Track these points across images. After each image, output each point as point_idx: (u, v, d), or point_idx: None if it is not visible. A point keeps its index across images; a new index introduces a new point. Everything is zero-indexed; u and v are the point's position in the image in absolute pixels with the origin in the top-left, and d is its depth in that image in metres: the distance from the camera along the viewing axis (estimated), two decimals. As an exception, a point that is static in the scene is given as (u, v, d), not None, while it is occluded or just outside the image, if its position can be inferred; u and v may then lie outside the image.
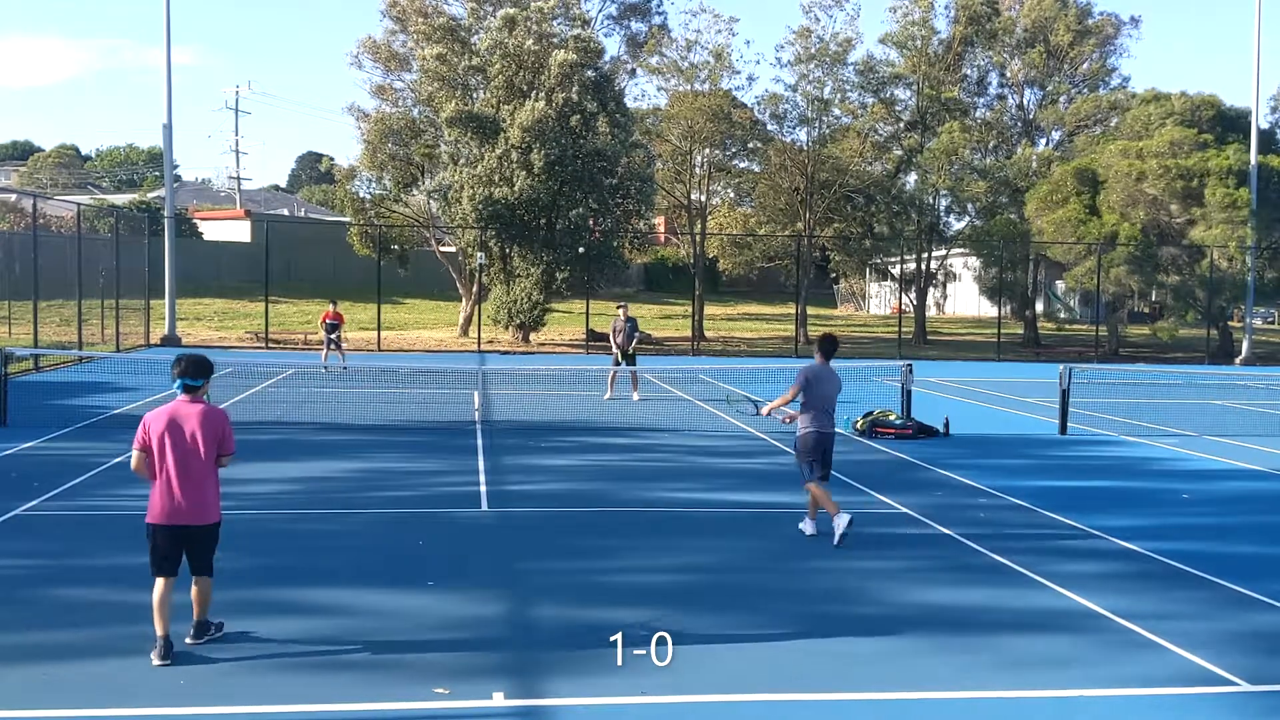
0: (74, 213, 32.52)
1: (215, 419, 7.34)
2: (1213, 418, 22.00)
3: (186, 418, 7.26)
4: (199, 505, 7.24)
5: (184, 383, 7.34)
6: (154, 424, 7.25)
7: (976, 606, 8.74)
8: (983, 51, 47.47)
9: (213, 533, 7.39)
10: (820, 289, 66.87)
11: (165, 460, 7.19)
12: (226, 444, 7.37)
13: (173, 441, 7.20)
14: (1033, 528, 11.67)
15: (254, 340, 38.56)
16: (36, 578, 9.05)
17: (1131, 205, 39.49)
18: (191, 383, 7.36)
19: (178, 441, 7.20)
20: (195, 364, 7.41)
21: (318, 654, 7.32)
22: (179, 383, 7.34)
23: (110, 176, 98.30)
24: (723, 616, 8.32)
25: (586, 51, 38.90)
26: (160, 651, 7.06)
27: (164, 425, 7.23)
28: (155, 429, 7.23)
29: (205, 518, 7.29)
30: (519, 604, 8.65)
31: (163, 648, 7.07)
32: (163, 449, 7.20)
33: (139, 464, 7.26)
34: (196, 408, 7.33)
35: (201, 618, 7.44)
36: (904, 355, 35.48)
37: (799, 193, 46.38)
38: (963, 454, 16.55)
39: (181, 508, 7.20)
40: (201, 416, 7.28)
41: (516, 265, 39.00)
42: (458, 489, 13.10)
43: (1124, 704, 6.85)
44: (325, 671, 7.00)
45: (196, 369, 7.40)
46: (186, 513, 7.21)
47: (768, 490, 13.49)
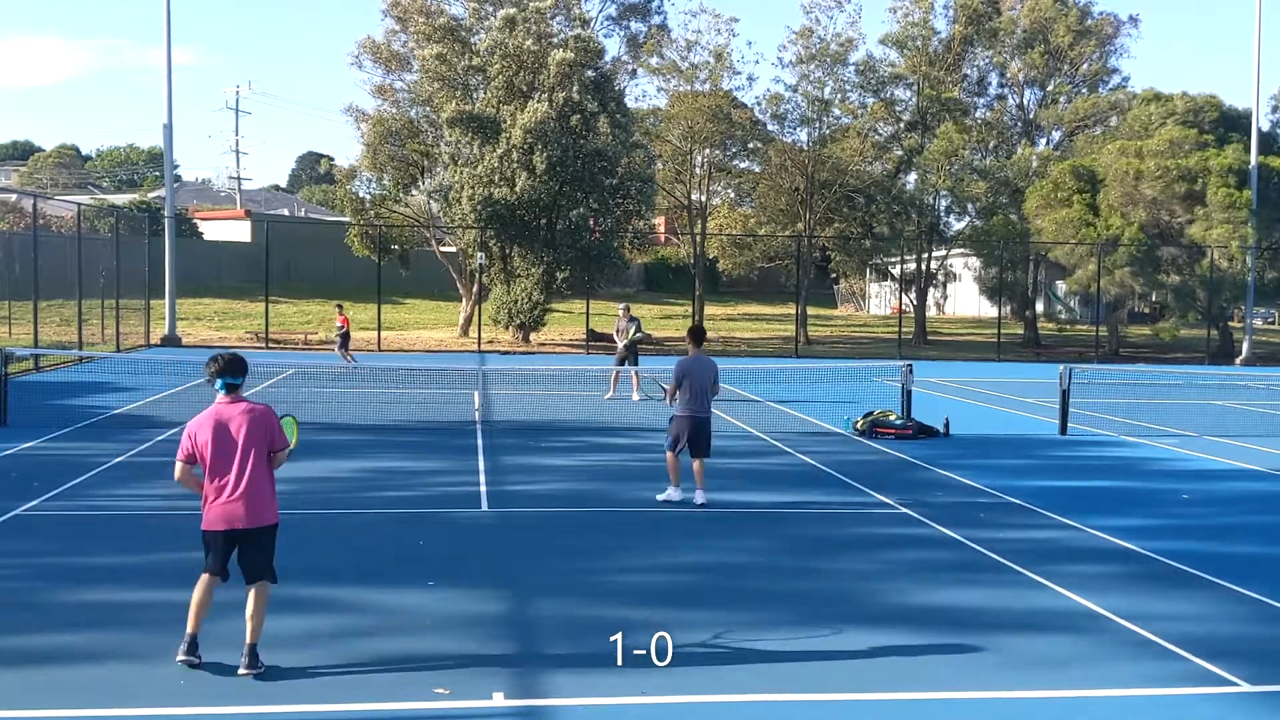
0: (74, 213, 32.52)
1: (263, 415, 7.03)
2: (1213, 418, 22.00)
3: (232, 418, 6.95)
4: (255, 508, 6.91)
5: (225, 382, 7.02)
6: (199, 431, 6.90)
7: (976, 607, 8.74)
8: (983, 51, 47.48)
9: (271, 535, 7.04)
10: (820, 289, 66.88)
11: (217, 465, 6.86)
12: (278, 439, 7.06)
13: (225, 444, 6.87)
14: (1033, 528, 11.67)
15: (254, 340, 38.57)
16: (36, 578, 9.05)
17: (1131, 205, 39.50)
18: (233, 380, 7.04)
19: (228, 444, 6.88)
20: (232, 362, 7.08)
21: (318, 654, 7.32)
22: (219, 383, 7.02)
23: (110, 176, 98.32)
24: (722, 616, 8.32)
25: (586, 51, 38.90)
26: (186, 648, 6.84)
27: (211, 430, 6.88)
28: (201, 436, 6.88)
29: (262, 519, 6.96)
30: (519, 604, 8.65)
31: (188, 645, 6.85)
32: (215, 454, 6.85)
33: (184, 476, 6.94)
34: (240, 406, 7.01)
35: (256, 639, 6.94)
36: (904, 355, 35.48)
37: (799, 193, 46.38)
38: (963, 454, 16.55)
39: (238, 512, 6.86)
40: (248, 415, 6.98)
41: (517, 265, 39.00)
42: (458, 489, 13.10)
43: (1124, 704, 6.86)
44: (325, 671, 7.00)
45: (235, 367, 7.08)
46: (243, 517, 6.87)
47: (768, 490, 13.50)
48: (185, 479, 6.97)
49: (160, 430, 16.98)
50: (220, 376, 7.04)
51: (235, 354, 7.20)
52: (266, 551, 7.03)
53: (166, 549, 10.04)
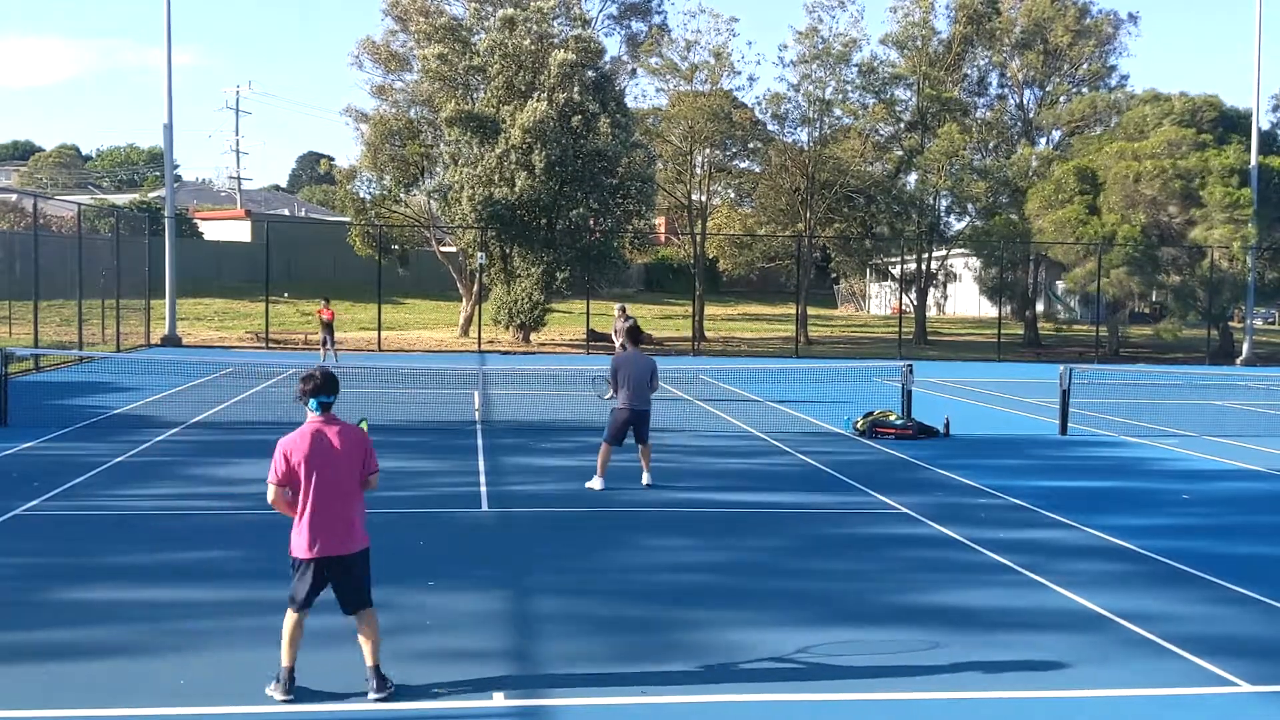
0: (74, 213, 32.53)
1: (358, 436, 6.76)
2: (1213, 418, 22.00)
3: (330, 439, 6.66)
4: (350, 532, 6.67)
5: (320, 401, 6.69)
6: (295, 451, 6.60)
7: (976, 606, 8.75)
8: (983, 51, 47.48)
9: (366, 559, 6.79)
10: (820, 289, 66.87)
11: (311, 487, 6.58)
12: (371, 461, 6.78)
13: (320, 466, 6.58)
14: (1033, 528, 11.68)
15: (254, 340, 38.58)
16: (36, 578, 9.05)
17: (1130, 206, 39.50)
18: (327, 400, 6.71)
19: (325, 466, 6.60)
20: (328, 380, 6.77)
21: (317, 654, 7.32)
22: (314, 402, 6.68)
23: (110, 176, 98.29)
24: (722, 616, 8.32)
25: (587, 51, 38.90)
26: (284, 686, 6.55)
27: (307, 450, 6.59)
28: (298, 457, 6.59)
29: (357, 544, 6.71)
30: (519, 604, 8.66)
31: (287, 681, 6.57)
32: (310, 476, 6.57)
33: (277, 499, 6.66)
34: (336, 427, 6.71)
35: (377, 660, 6.68)
36: (904, 355, 35.48)
37: (799, 193, 46.38)
38: (963, 454, 16.55)
39: (335, 538, 6.61)
40: (343, 436, 6.69)
41: (517, 265, 39.00)
42: (458, 489, 13.11)
43: (1123, 704, 6.86)
44: (325, 672, 7.00)
45: (331, 385, 6.76)
46: (340, 542, 6.62)
47: (768, 490, 13.50)
48: (279, 503, 6.67)
49: (160, 430, 16.98)
50: (316, 396, 6.70)
51: (328, 370, 6.91)
52: (361, 577, 6.76)
53: (166, 549, 10.05)
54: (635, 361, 13.15)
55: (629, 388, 12.99)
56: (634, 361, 13.14)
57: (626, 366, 13.08)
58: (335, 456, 6.63)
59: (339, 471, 6.63)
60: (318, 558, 6.60)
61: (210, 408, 19.74)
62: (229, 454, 15.21)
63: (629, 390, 12.99)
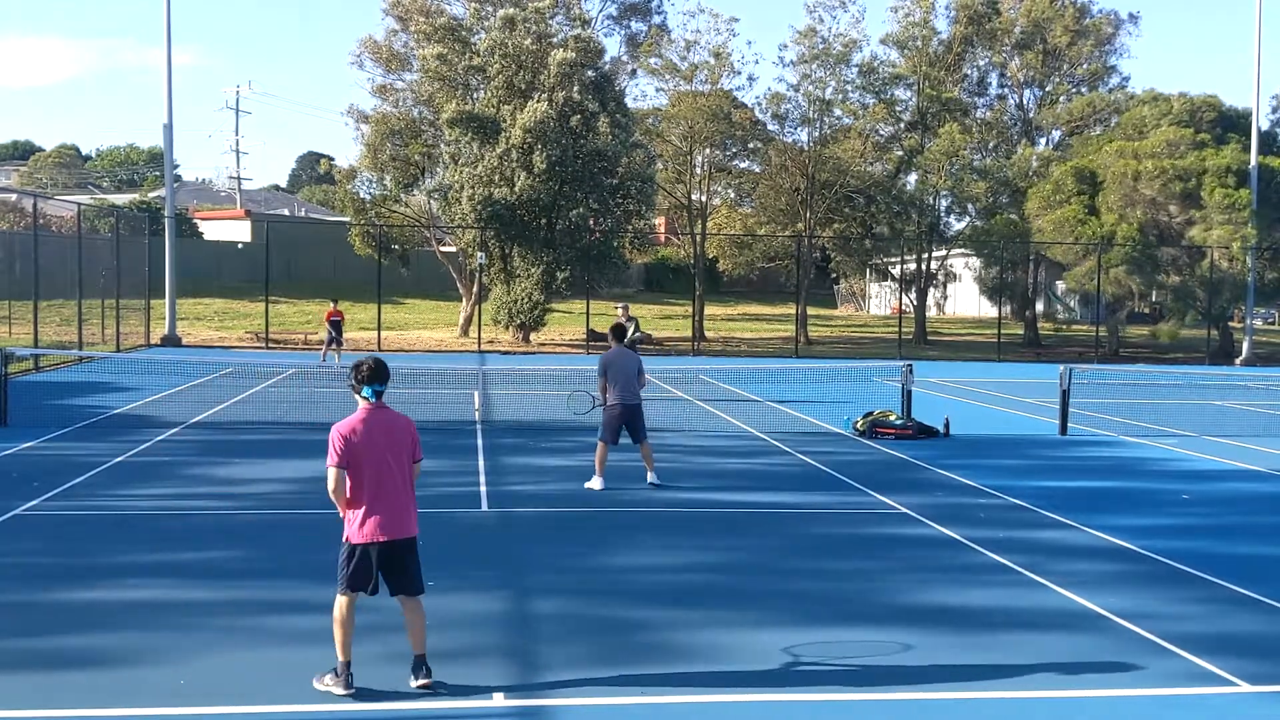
0: (74, 213, 32.53)
1: (407, 425, 6.90)
2: (1212, 418, 22.00)
3: (384, 425, 6.78)
4: (406, 517, 6.80)
5: (375, 389, 6.78)
6: (351, 436, 6.69)
7: (976, 607, 8.75)
8: (982, 51, 47.47)
9: (416, 545, 6.89)
10: (820, 289, 66.86)
11: (369, 473, 6.68)
12: (418, 449, 6.94)
13: (377, 452, 6.70)
14: (1032, 528, 11.68)
15: (254, 340, 38.58)
16: (36, 578, 9.05)
17: (1129, 206, 39.50)
18: (381, 387, 6.80)
19: (381, 452, 6.72)
20: (379, 367, 6.84)
21: (317, 654, 7.32)
22: (369, 389, 6.77)
23: (110, 176, 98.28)
24: (722, 616, 8.32)
25: (586, 51, 38.90)
26: (344, 680, 6.59)
27: (364, 436, 6.69)
28: (355, 441, 6.68)
29: (411, 529, 6.82)
30: (519, 604, 8.66)
31: (345, 674, 6.61)
32: (370, 462, 6.68)
33: (338, 483, 6.71)
34: (387, 413, 6.84)
35: (422, 650, 6.78)
36: (904, 356, 35.47)
37: (799, 193, 46.38)
38: (963, 454, 16.55)
39: (394, 521, 6.71)
40: (395, 423, 6.83)
41: (517, 265, 39.00)
42: (458, 489, 13.11)
43: (1123, 704, 6.86)
44: (324, 671, 7.00)
45: (384, 373, 6.85)
46: (397, 526, 6.73)
47: (768, 490, 13.50)
48: (340, 487, 6.72)
49: (160, 430, 16.98)
50: (370, 384, 6.78)
51: (378, 359, 6.94)
52: (417, 561, 6.87)
53: (166, 549, 10.05)
54: (623, 359, 13.40)
55: (619, 384, 13.20)
56: (622, 358, 13.40)
57: (615, 364, 13.31)
58: (391, 443, 6.77)
59: (397, 457, 6.77)
60: (380, 542, 6.69)
61: (210, 408, 19.74)
62: (229, 454, 15.22)
63: (619, 387, 13.20)
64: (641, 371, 13.48)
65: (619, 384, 13.22)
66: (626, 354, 13.56)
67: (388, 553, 6.74)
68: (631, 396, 13.27)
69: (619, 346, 13.65)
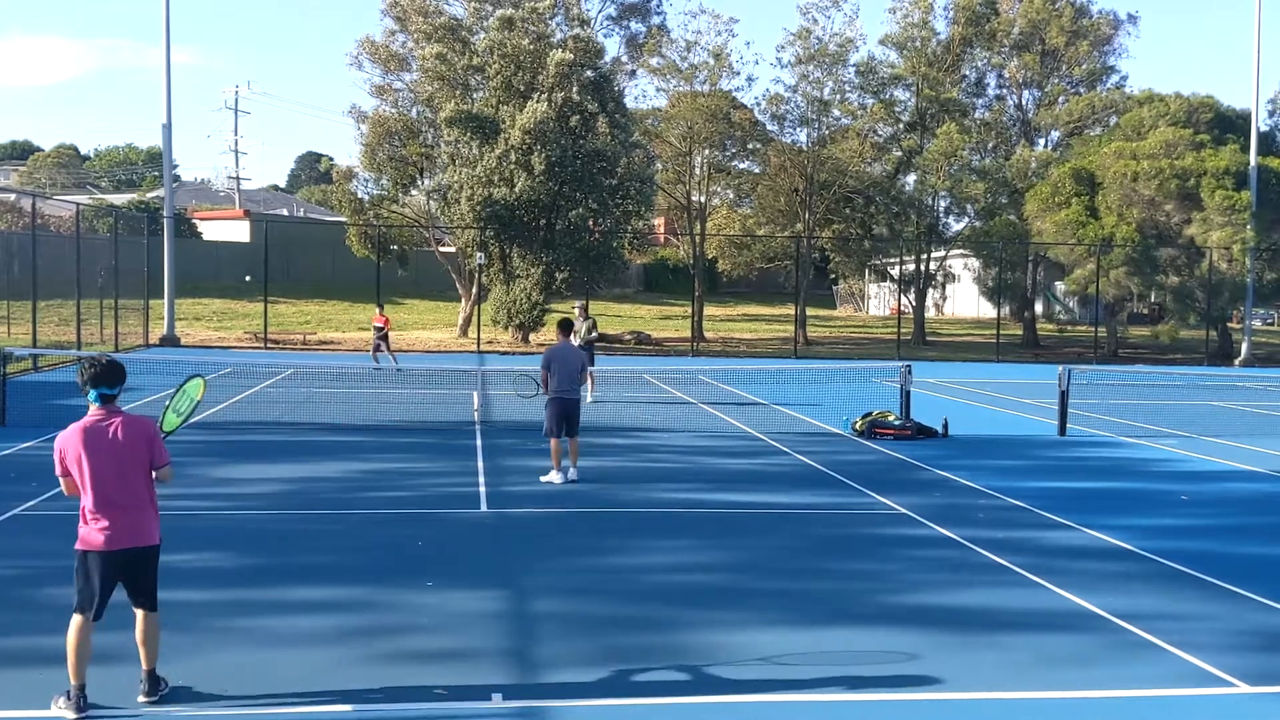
0: (73, 212, 32.51)
1: (143, 429, 6.47)
2: (1211, 419, 22.01)
3: (111, 431, 6.36)
4: (140, 526, 6.45)
5: (101, 391, 6.36)
6: (68, 445, 6.35)
7: (975, 607, 8.74)
8: (981, 52, 47.47)
9: (153, 556, 6.55)
10: (820, 290, 66.85)
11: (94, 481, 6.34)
12: (159, 454, 6.50)
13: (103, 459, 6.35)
14: (1031, 528, 11.67)
15: (253, 340, 38.56)
16: (35, 578, 9.04)
17: (1128, 206, 39.51)
18: (110, 390, 6.38)
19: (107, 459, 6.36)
20: (111, 367, 6.44)
21: (316, 654, 7.32)
22: (94, 392, 6.37)
23: (109, 176, 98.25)
24: (721, 617, 8.31)
25: (585, 52, 38.88)
26: (75, 704, 6.20)
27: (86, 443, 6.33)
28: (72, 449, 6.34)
29: (145, 538, 6.48)
30: (518, 604, 8.65)
31: (78, 698, 6.22)
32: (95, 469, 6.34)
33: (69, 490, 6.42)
34: (118, 418, 6.40)
35: (154, 664, 6.53)
36: (903, 356, 35.47)
37: (798, 194, 46.37)
38: (961, 455, 16.55)
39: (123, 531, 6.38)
40: (128, 428, 6.39)
41: (516, 266, 38.99)
42: (457, 489, 13.10)
43: (1122, 705, 6.86)
44: (323, 672, 7.00)
45: (114, 373, 6.43)
46: (127, 535, 6.39)
47: (767, 491, 13.50)
48: (73, 493, 6.39)
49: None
50: (95, 386, 6.35)
51: (113, 358, 6.51)
52: (147, 575, 6.51)
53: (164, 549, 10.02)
54: (567, 353, 13.75)
55: (561, 377, 13.54)
56: (566, 353, 13.74)
57: (559, 358, 13.63)
58: (117, 448, 6.32)
59: (123, 464, 6.33)
60: (96, 551, 6.30)
61: (209, 408, 19.73)
62: (227, 454, 15.21)
63: (561, 380, 13.55)
64: (584, 368, 13.96)
65: (561, 377, 13.56)
66: (572, 349, 13.92)
67: (117, 562, 6.34)
68: (572, 391, 13.63)
69: (565, 341, 13.99)
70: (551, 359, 13.66)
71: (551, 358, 13.68)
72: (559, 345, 13.93)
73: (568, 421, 13.65)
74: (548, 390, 13.74)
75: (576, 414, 13.77)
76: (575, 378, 13.69)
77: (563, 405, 13.61)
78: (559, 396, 13.60)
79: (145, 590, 6.51)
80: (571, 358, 13.74)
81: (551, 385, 13.62)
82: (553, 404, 13.66)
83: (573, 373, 13.65)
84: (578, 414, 13.80)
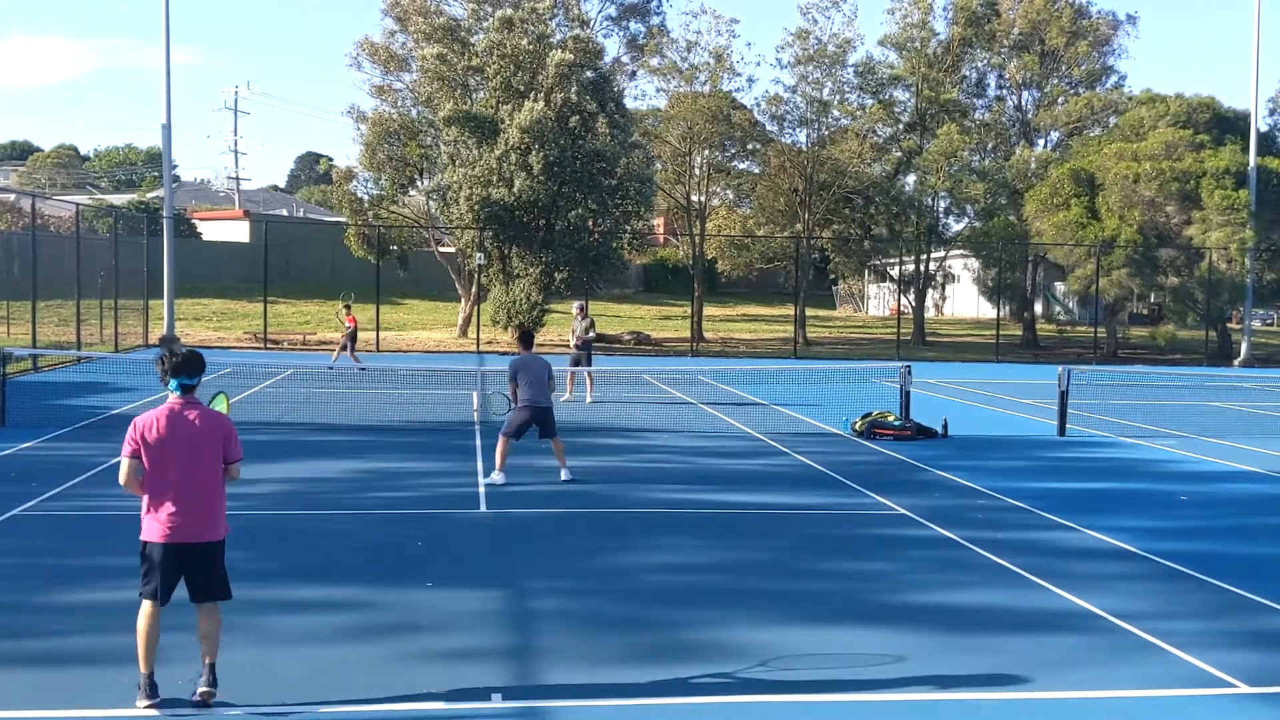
0: (73, 213, 32.50)
1: (219, 422, 6.58)
2: (1211, 419, 22.01)
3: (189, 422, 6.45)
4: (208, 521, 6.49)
5: (182, 381, 6.49)
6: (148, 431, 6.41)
7: (975, 608, 8.75)
8: (981, 53, 47.47)
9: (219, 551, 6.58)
10: (819, 290, 66.84)
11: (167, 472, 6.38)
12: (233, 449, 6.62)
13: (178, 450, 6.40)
14: (1031, 529, 11.68)
15: (252, 340, 38.56)
16: (34, 578, 9.04)
17: (1128, 207, 39.51)
18: (190, 381, 6.51)
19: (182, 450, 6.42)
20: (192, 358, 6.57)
21: (316, 654, 7.32)
22: (175, 382, 6.48)
23: (109, 177, 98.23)
24: (721, 617, 8.31)
25: (585, 52, 38.87)
26: (145, 692, 6.26)
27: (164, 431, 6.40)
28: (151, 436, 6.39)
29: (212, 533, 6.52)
30: (517, 604, 8.65)
31: (148, 687, 6.28)
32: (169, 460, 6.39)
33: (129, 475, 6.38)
34: (195, 410, 6.52)
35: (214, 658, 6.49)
36: (903, 356, 35.46)
37: (798, 194, 46.37)
38: (961, 455, 16.56)
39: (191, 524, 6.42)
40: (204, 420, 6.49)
41: (515, 266, 38.98)
42: (456, 489, 13.11)
43: (1121, 705, 6.86)
44: (323, 672, 7.00)
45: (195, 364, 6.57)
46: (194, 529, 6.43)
47: (766, 491, 13.50)
48: (132, 479, 6.39)
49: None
50: (176, 375, 6.45)
51: (193, 350, 6.66)
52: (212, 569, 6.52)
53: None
54: (532, 363, 13.76)
55: (530, 387, 13.60)
56: (531, 363, 13.76)
57: (526, 368, 13.69)
58: (192, 440, 6.38)
59: (197, 457, 6.38)
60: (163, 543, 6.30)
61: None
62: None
63: (530, 389, 13.59)
64: (551, 377, 13.95)
65: (528, 386, 13.61)
66: (537, 359, 13.93)
67: (183, 556, 6.35)
68: (543, 399, 13.68)
69: (528, 352, 14.00)
70: (518, 369, 13.68)
71: (518, 368, 13.69)
72: (524, 356, 13.91)
73: (541, 425, 13.69)
74: (516, 401, 13.79)
75: (548, 419, 13.78)
76: (544, 386, 13.71)
77: (532, 413, 13.64)
78: (529, 404, 13.62)
79: (206, 584, 6.46)
80: (538, 366, 13.75)
81: (521, 395, 13.64)
82: (521, 412, 13.67)
83: (540, 381, 13.68)
84: (550, 419, 13.81)
